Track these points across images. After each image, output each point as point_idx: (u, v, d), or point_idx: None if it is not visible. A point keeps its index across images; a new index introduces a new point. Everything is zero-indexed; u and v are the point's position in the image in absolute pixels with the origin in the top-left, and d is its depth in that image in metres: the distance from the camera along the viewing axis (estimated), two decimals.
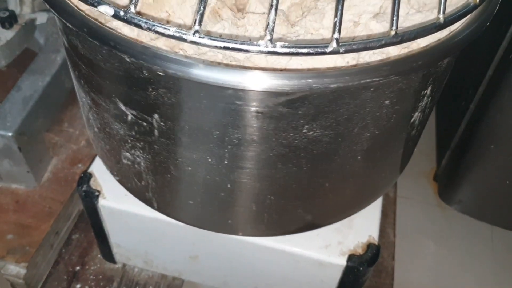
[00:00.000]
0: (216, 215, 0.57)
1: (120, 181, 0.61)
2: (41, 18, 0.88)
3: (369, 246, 0.64)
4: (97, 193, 0.68)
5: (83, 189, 0.68)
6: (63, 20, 0.40)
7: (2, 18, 0.82)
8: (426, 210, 1.01)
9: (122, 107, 0.47)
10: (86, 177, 0.69)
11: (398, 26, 0.37)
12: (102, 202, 0.68)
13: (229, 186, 0.50)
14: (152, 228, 0.68)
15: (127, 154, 0.53)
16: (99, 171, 0.69)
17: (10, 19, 0.83)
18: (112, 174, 0.61)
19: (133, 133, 0.49)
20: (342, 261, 0.63)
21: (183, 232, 0.66)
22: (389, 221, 0.92)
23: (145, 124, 0.46)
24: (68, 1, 0.41)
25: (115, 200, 0.67)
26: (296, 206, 0.54)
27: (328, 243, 0.64)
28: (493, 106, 0.83)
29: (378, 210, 0.68)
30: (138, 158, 0.52)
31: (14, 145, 0.81)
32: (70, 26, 0.40)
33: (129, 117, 0.47)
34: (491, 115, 0.84)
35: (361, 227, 0.66)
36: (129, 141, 0.50)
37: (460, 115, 0.94)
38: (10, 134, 0.80)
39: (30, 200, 0.86)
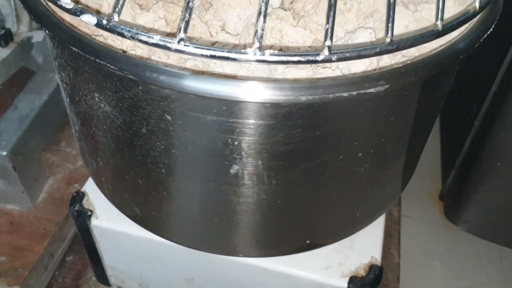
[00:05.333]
0: (213, 236, 0.55)
1: (113, 203, 0.59)
2: (38, 36, 0.88)
3: (372, 267, 0.61)
4: (89, 213, 0.66)
5: (76, 208, 0.66)
6: (51, 34, 0.39)
7: None
8: (432, 230, 0.98)
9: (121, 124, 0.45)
10: (79, 196, 0.67)
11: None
12: (94, 222, 0.66)
13: (227, 206, 0.49)
14: (146, 249, 0.66)
15: (122, 175, 0.52)
16: (93, 190, 0.67)
17: (6, 37, 0.83)
18: (105, 195, 0.60)
19: (129, 153, 0.47)
20: (343, 283, 0.60)
21: (178, 253, 0.64)
22: (393, 242, 0.89)
23: (142, 143, 0.45)
24: (58, 16, 0.40)
25: (108, 220, 0.65)
26: (296, 224, 0.52)
27: (328, 265, 0.62)
28: (498, 122, 0.81)
29: (380, 230, 0.65)
30: (135, 179, 0.51)
31: (8, 165, 0.80)
32: (73, 48, 0.38)
33: (125, 135, 0.46)
34: (496, 131, 0.82)
35: (363, 248, 0.63)
36: (127, 161, 0.49)
37: (464, 132, 0.92)
38: (4, 153, 0.79)
39: (24, 221, 0.84)
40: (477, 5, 0.39)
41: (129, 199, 0.54)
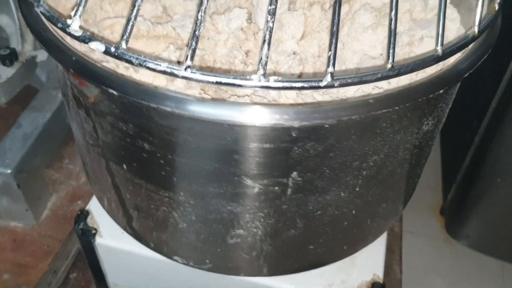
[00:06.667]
0: (215, 256, 0.55)
1: (117, 222, 0.60)
2: (42, 55, 0.89)
3: (374, 284, 0.62)
4: (94, 231, 0.66)
5: (80, 227, 0.66)
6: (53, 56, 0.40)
7: (3, 55, 0.83)
8: (433, 245, 0.98)
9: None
10: (83, 215, 0.68)
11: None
12: (99, 241, 0.66)
13: (230, 227, 0.49)
14: (149, 267, 0.66)
15: (126, 197, 0.52)
16: (97, 209, 0.67)
17: (11, 57, 0.83)
18: (109, 214, 0.60)
19: (133, 174, 0.48)
20: None
21: (180, 271, 0.64)
22: (395, 257, 0.89)
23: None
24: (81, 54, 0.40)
25: (112, 239, 0.66)
26: (300, 245, 0.52)
27: (331, 282, 0.62)
28: (498, 138, 0.82)
29: (382, 247, 0.66)
30: (138, 201, 0.51)
31: (13, 183, 0.80)
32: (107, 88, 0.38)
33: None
34: (496, 147, 0.82)
35: (365, 265, 0.64)
36: (130, 183, 0.49)
37: (465, 147, 0.93)
38: (9, 171, 0.79)
39: (28, 239, 0.84)
40: (476, 29, 0.40)
41: (132, 219, 0.55)
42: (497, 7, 0.43)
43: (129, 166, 0.47)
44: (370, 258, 0.64)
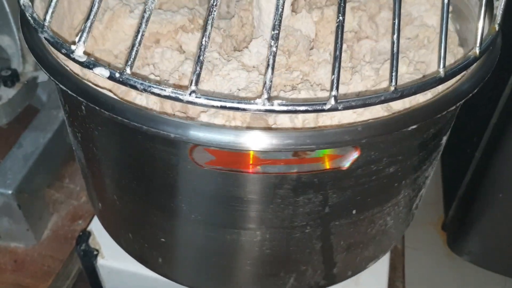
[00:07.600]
0: (217, 279, 0.55)
1: (119, 244, 0.59)
2: (43, 76, 0.89)
3: None
4: (95, 252, 0.66)
5: (82, 248, 0.66)
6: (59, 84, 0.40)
7: (4, 77, 0.83)
8: (436, 261, 0.98)
9: None
10: (85, 235, 0.67)
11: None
12: (101, 262, 0.66)
13: (231, 251, 0.49)
14: None
15: (128, 220, 0.52)
16: (98, 229, 0.67)
17: (12, 78, 0.83)
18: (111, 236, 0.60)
19: (136, 199, 0.47)
20: None
21: None
22: (398, 275, 0.88)
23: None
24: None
25: (114, 260, 0.66)
26: (303, 268, 0.52)
27: None
28: (499, 153, 0.82)
29: (386, 265, 0.66)
30: (140, 224, 0.51)
31: (13, 203, 0.80)
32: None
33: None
34: (497, 162, 0.83)
35: (369, 284, 0.63)
36: (132, 207, 0.49)
37: (466, 163, 0.93)
38: (10, 192, 0.79)
39: (28, 259, 0.84)
40: (477, 50, 0.41)
41: (134, 241, 0.55)
42: (497, 28, 0.44)
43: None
44: (374, 277, 0.64)
